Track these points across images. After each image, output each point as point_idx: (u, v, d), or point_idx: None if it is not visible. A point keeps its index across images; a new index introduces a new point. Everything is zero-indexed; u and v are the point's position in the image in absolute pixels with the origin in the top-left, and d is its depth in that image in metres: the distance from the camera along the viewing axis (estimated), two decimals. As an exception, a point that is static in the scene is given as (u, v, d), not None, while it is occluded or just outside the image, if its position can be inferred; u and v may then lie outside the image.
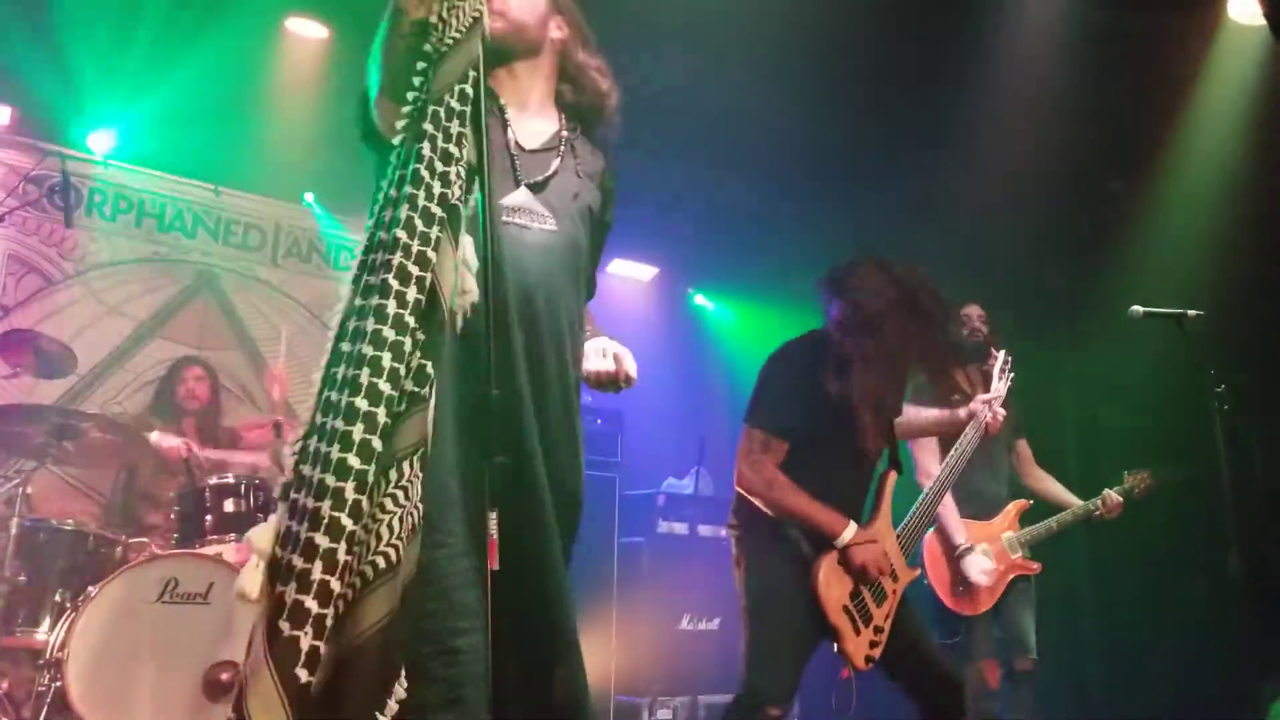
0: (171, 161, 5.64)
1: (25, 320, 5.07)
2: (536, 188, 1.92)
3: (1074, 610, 4.32)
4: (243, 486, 3.86)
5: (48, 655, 3.30)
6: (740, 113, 5.45)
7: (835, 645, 2.70)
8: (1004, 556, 3.76)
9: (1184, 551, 4.37)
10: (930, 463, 3.64)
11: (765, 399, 2.82)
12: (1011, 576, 3.76)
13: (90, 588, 3.36)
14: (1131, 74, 4.77)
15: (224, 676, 3.29)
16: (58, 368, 4.16)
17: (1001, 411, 3.20)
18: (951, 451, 3.18)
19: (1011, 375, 3.38)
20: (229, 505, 3.80)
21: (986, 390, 3.46)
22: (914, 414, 3.21)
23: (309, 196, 6.06)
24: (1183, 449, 3.89)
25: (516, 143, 1.94)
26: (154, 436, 4.28)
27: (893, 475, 2.91)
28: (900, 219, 5.82)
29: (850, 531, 2.71)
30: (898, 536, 2.93)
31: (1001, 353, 3.44)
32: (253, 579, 1.35)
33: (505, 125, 1.95)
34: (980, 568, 3.64)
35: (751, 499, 2.78)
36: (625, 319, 7.07)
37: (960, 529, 3.70)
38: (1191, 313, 3.42)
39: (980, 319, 3.98)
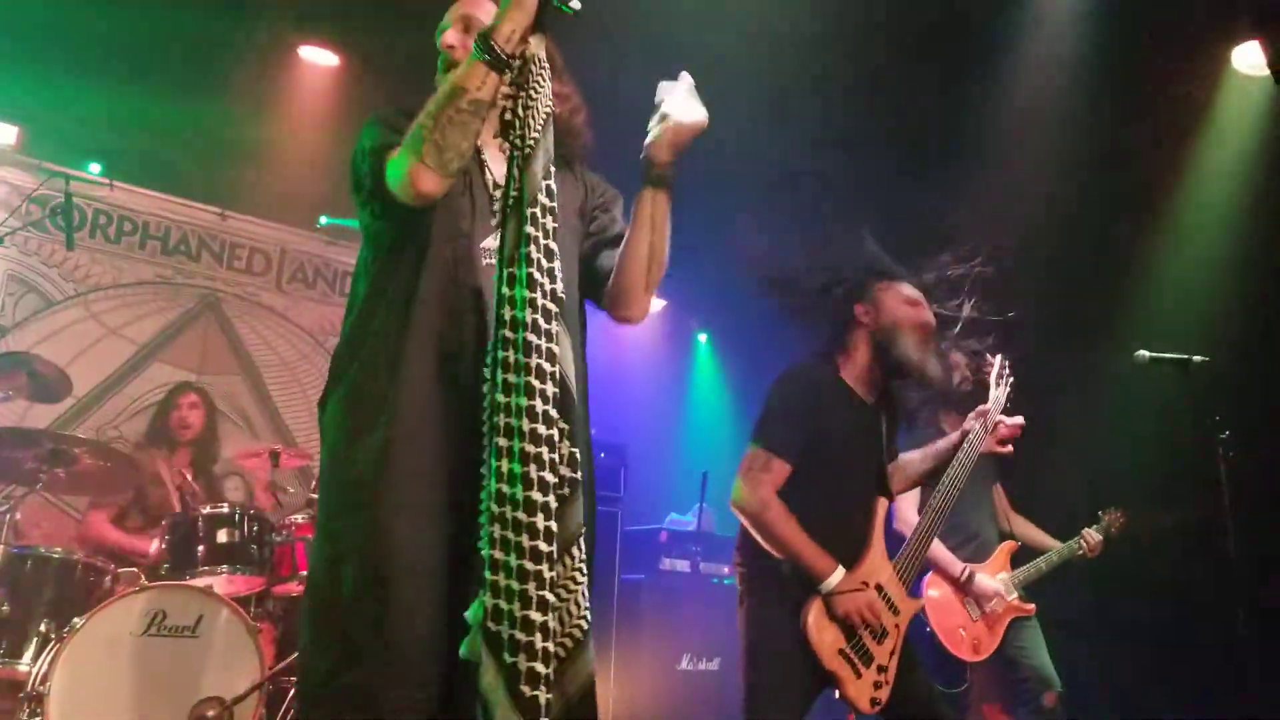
0: (178, 185, 5.62)
1: (24, 341, 5.01)
2: None
3: (1075, 664, 4.21)
4: (236, 516, 3.77)
5: (29, 688, 3.20)
6: (750, 151, 5.43)
7: (836, 692, 2.57)
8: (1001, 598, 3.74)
9: (1191, 602, 4.28)
10: (909, 511, 3.57)
11: (770, 418, 2.72)
12: (1009, 619, 3.73)
13: (76, 619, 3.27)
14: (1137, 121, 4.79)
15: (210, 713, 3.19)
16: (52, 391, 4.10)
17: (1004, 419, 2.92)
18: (950, 466, 2.83)
19: (1011, 380, 3.08)
20: (222, 535, 3.71)
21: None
22: (905, 461, 2.99)
23: (323, 219, 6.02)
24: (1189, 493, 3.84)
25: (494, 181, 1.92)
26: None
27: (883, 501, 2.76)
28: (907, 261, 5.78)
29: (836, 577, 2.55)
30: (895, 566, 2.75)
31: (998, 357, 3.14)
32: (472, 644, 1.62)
33: (483, 165, 1.94)
34: (993, 588, 3.66)
35: (742, 518, 2.67)
36: (631, 352, 7.02)
37: (954, 560, 3.68)
38: (1197, 358, 3.43)
39: (968, 365, 3.84)
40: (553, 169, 1.76)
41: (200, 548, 3.68)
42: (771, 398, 2.76)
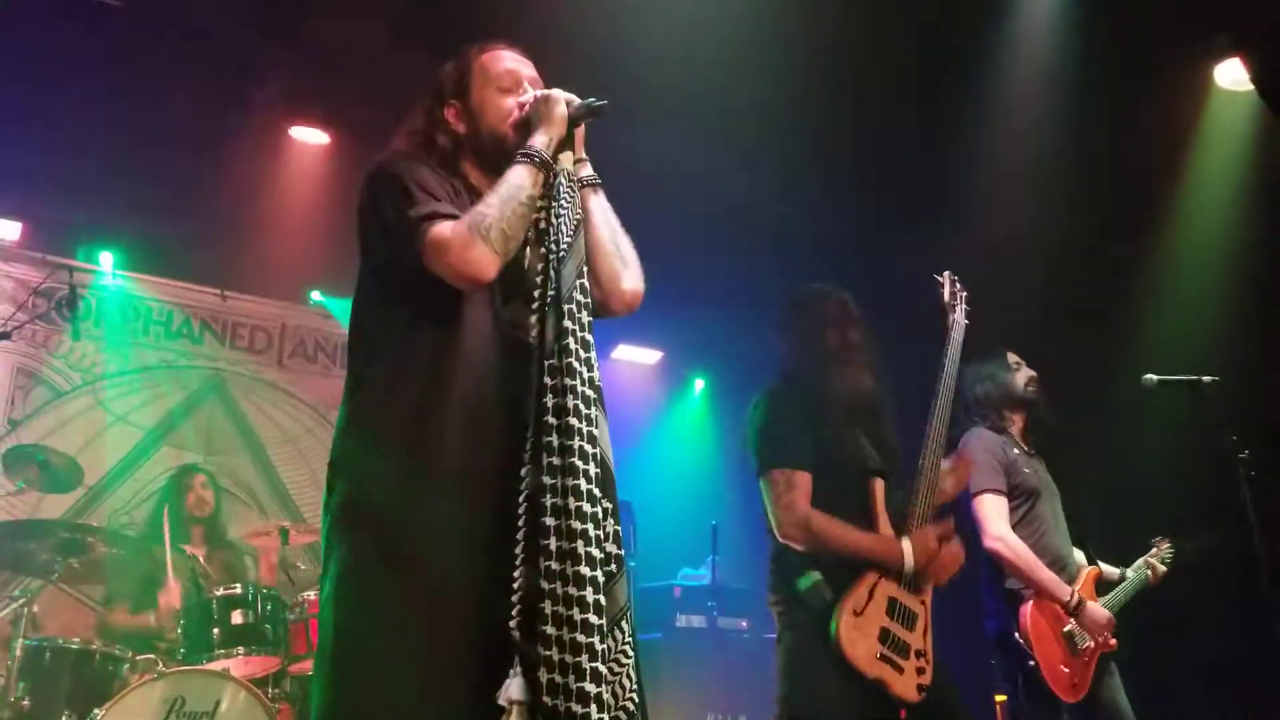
0: (178, 268, 5.70)
1: (33, 434, 5.06)
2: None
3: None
4: (250, 596, 3.78)
5: (52, 782, 3.19)
6: (743, 197, 5.52)
7: (886, 692, 2.52)
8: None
9: (1220, 627, 4.21)
10: (1000, 524, 3.35)
11: (772, 438, 2.72)
12: (1099, 656, 3.34)
13: (96, 709, 3.27)
14: (1126, 142, 4.81)
15: (231, 799, 3.17)
16: (64, 481, 4.13)
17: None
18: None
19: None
20: (237, 617, 3.71)
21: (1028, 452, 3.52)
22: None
23: (315, 295, 6.11)
24: (1210, 516, 3.77)
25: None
26: None
27: (880, 482, 2.73)
28: (903, 297, 5.82)
29: (910, 554, 2.60)
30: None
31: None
32: None
33: None
34: (1105, 615, 3.31)
35: (794, 545, 2.62)
36: (630, 406, 7.03)
37: (1061, 584, 3.29)
38: (1206, 378, 3.35)
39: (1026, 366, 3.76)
40: (585, 269, 1.85)
41: (215, 630, 3.69)
42: (761, 421, 2.76)
